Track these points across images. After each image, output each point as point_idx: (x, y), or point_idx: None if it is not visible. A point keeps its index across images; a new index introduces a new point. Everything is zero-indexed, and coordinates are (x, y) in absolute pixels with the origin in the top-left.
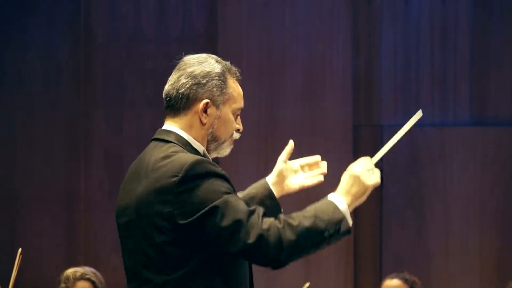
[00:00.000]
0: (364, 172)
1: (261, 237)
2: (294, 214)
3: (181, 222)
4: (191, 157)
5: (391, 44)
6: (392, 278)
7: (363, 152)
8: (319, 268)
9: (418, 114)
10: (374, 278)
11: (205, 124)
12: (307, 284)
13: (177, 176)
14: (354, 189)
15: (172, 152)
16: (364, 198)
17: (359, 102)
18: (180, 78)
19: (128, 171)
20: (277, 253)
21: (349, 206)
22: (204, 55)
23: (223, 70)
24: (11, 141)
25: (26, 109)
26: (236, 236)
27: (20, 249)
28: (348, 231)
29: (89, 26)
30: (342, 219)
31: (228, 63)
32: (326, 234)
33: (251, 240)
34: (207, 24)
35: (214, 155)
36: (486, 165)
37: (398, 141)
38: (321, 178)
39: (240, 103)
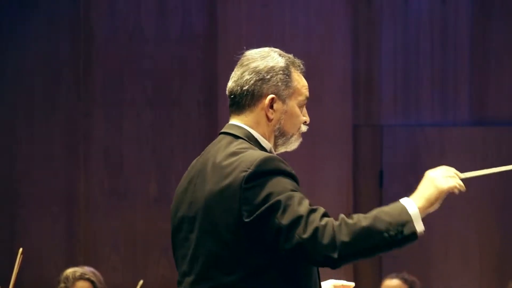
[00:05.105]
0: (440, 176)
1: (315, 233)
2: (355, 214)
3: (246, 219)
4: (261, 154)
5: (391, 44)
6: (392, 278)
7: (363, 152)
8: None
9: None
10: (374, 278)
11: (272, 119)
12: None
13: (246, 171)
14: (428, 192)
15: (242, 148)
16: (438, 202)
17: (359, 102)
18: (243, 75)
19: (195, 164)
20: (330, 250)
21: (421, 209)
22: (266, 49)
23: (287, 63)
24: (11, 141)
25: (26, 109)
26: (293, 231)
27: (20, 249)
28: (413, 234)
29: (89, 26)
30: (407, 221)
31: (291, 56)
32: (385, 235)
33: (305, 235)
34: (207, 24)
35: (282, 150)
36: (486, 165)
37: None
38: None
39: (306, 94)
